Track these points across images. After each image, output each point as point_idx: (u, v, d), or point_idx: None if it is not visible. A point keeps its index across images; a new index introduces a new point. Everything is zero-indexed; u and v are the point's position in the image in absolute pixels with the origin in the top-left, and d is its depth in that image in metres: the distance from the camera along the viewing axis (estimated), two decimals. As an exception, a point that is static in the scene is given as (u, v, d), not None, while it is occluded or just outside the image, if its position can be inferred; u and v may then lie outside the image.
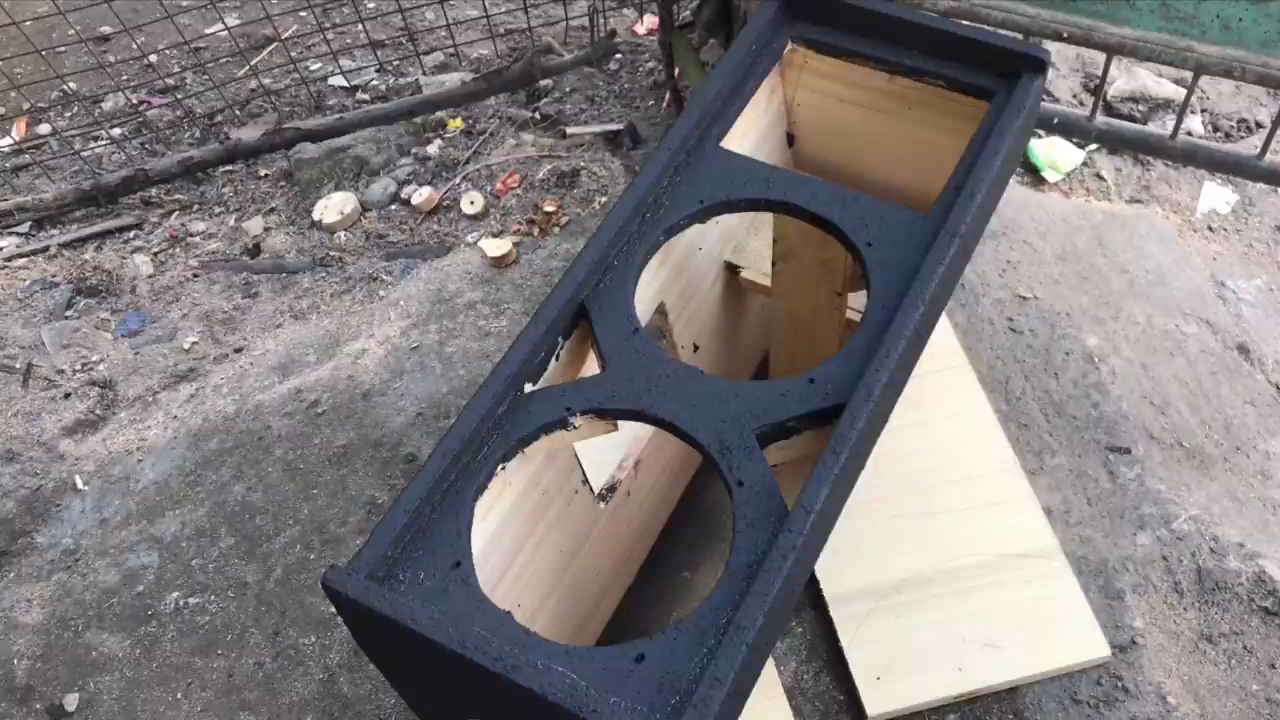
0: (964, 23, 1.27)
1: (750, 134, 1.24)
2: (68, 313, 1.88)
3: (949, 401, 1.50)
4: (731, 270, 1.38)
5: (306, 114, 2.19)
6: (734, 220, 1.34)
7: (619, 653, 0.83)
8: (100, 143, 2.21)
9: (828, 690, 1.31)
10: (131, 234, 2.02)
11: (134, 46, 2.23)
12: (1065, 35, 1.38)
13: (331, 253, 1.92)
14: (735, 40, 1.22)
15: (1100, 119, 1.56)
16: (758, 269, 1.36)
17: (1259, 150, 1.48)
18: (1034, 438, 1.52)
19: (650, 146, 2.00)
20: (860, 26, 1.21)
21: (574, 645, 0.86)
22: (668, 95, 2.06)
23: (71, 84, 2.33)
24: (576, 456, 1.15)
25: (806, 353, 1.40)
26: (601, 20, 2.20)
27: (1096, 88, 1.87)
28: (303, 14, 2.38)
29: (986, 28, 1.36)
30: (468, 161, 2.04)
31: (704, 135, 1.15)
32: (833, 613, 1.33)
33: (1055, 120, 1.59)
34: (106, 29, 2.44)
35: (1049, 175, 1.87)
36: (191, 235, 2.00)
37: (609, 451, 1.25)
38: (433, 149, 2.06)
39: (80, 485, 1.61)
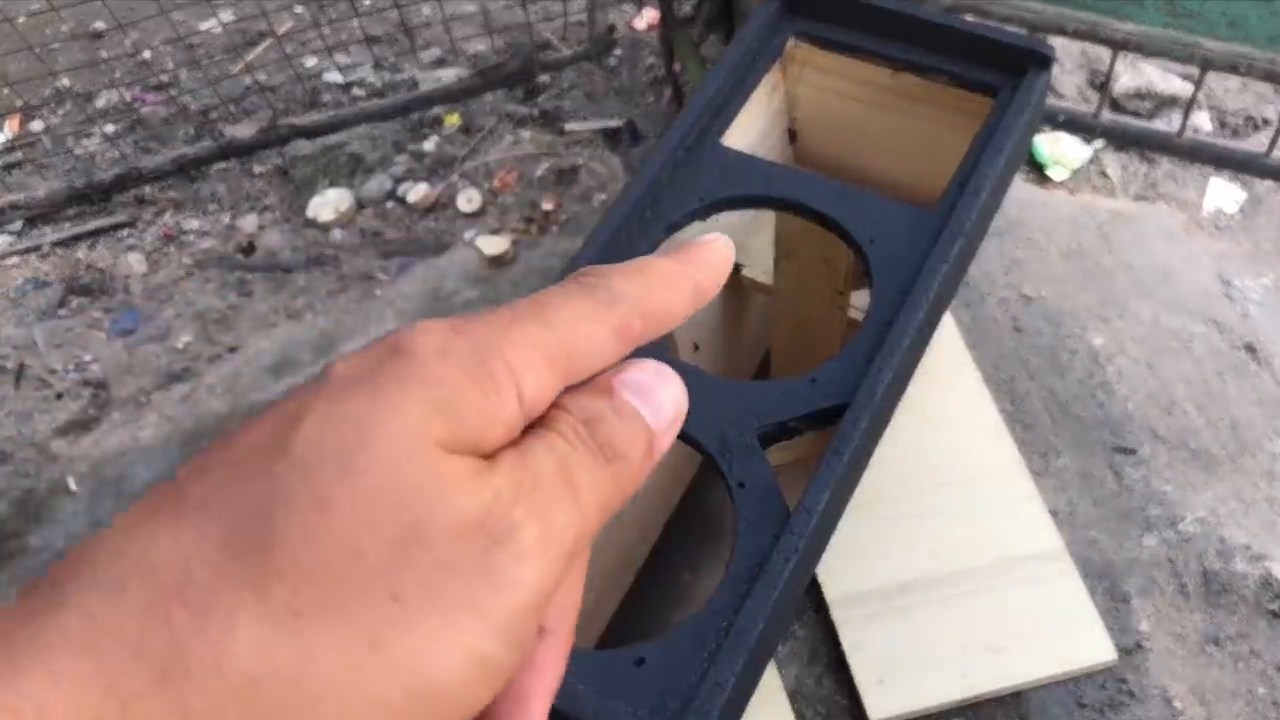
0: (968, 18, 1.26)
1: (751, 130, 1.22)
2: (60, 311, 1.86)
3: (953, 401, 1.48)
4: (733, 269, 1.36)
5: (301, 110, 2.17)
6: (735, 218, 1.33)
7: (618, 656, 0.81)
8: (93, 140, 2.19)
9: (830, 694, 1.30)
10: (125, 232, 2.01)
11: (127, 43, 2.22)
12: (1070, 31, 1.37)
13: (327, 251, 1.91)
14: (736, 36, 1.20)
15: (1106, 115, 1.55)
16: (759, 267, 1.34)
17: (1267, 147, 1.47)
18: (1039, 438, 1.50)
19: (650, 143, 1.98)
20: (863, 22, 1.19)
21: (572, 648, 0.84)
22: (668, 91, 2.04)
23: (64, 81, 2.31)
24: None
25: (808, 352, 1.39)
26: (601, 15, 2.19)
27: (1102, 84, 1.85)
28: (298, 10, 2.36)
29: (991, 23, 1.34)
30: (465, 158, 2.02)
31: (704, 132, 1.13)
32: (835, 616, 1.32)
33: (1061, 117, 1.58)
34: (100, 25, 2.42)
35: (1054, 172, 1.86)
36: (185, 233, 1.99)
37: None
38: (429, 146, 2.04)
39: (73, 486, 1.59)
